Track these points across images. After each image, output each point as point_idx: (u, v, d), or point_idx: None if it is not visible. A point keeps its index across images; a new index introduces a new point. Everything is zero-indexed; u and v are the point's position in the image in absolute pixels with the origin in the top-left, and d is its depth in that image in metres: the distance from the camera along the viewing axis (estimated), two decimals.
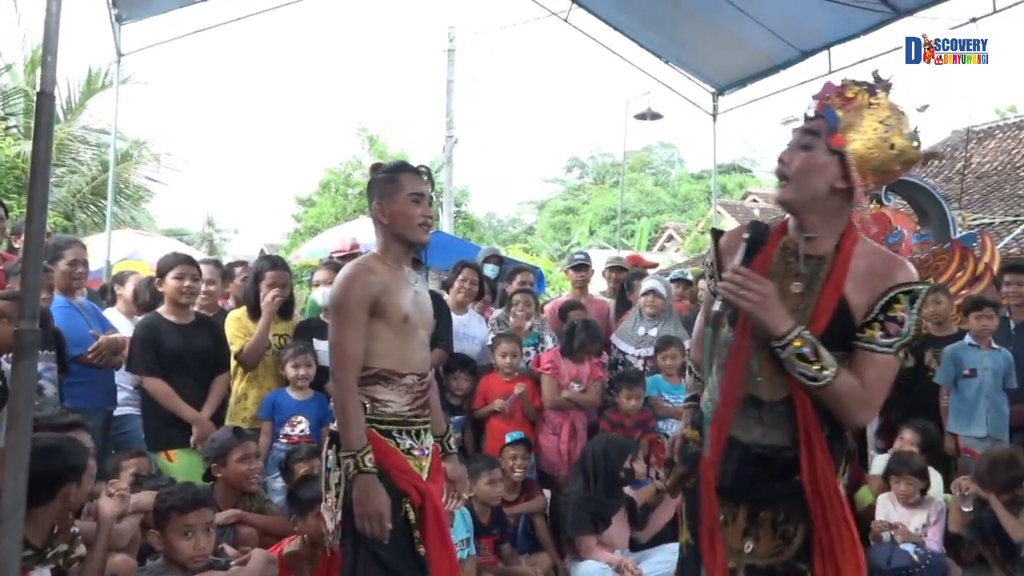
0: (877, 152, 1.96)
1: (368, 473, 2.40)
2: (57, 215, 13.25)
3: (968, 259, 6.07)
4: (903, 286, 1.94)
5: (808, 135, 2.02)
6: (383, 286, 2.54)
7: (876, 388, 1.94)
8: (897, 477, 4.37)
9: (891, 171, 2.01)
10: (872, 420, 2.13)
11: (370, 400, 2.53)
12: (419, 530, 2.51)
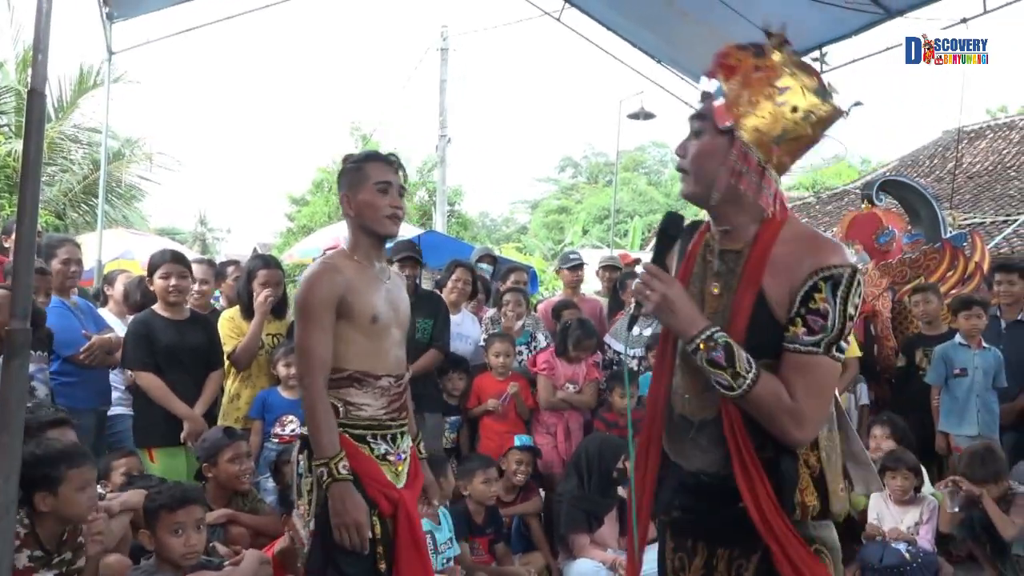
0: (775, 120, 1.70)
1: (343, 480, 2.30)
2: (48, 214, 13.22)
3: (959, 259, 6.10)
4: (823, 271, 1.65)
5: (697, 120, 1.79)
6: (349, 285, 2.42)
7: (809, 397, 1.65)
8: (893, 472, 4.38)
9: (803, 136, 1.73)
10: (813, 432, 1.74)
11: (343, 404, 2.42)
12: (383, 545, 2.39)
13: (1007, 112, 24.97)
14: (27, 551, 2.62)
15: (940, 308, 5.35)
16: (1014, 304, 5.19)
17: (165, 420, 3.95)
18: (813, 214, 18.85)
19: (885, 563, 4.19)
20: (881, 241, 6.50)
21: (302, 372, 2.43)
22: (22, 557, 2.59)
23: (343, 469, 2.31)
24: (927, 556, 4.21)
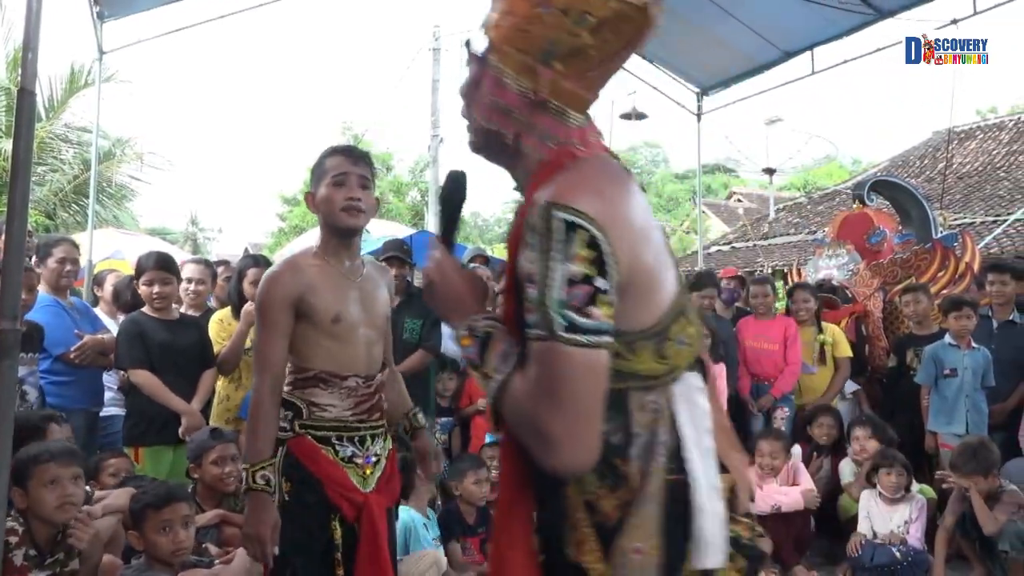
0: (536, 28, 1.24)
1: (256, 491, 2.22)
2: (39, 214, 13.17)
3: (949, 259, 6.13)
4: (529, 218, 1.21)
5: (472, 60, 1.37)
6: (309, 284, 2.34)
7: (550, 404, 1.16)
8: (888, 469, 4.40)
9: (584, 47, 1.24)
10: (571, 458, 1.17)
11: (307, 404, 2.36)
12: (344, 550, 2.33)
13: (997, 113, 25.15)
14: (23, 549, 2.62)
15: (931, 308, 5.38)
16: (1006, 304, 5.22)
17: (154, 419, 3.93)
18: (804, 214, 18.92)
19: (876, 562, 4.21)
20: (872, 241, 6.53)
21: (253, 373, 2.39)
22: (19, 555, 2.60)
23: (260, 479, 2.23)
24: (918, 555, 4.23)
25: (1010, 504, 4.06)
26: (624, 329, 1.20)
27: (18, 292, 2.17)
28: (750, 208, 26.90)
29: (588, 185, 1.21)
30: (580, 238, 1.14)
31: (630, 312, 1.21)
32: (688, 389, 1.28)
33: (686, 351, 1.29)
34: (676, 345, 1.26)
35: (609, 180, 1.26)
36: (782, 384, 5.37)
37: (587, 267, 1.14)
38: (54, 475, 2.70)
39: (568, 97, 1.28)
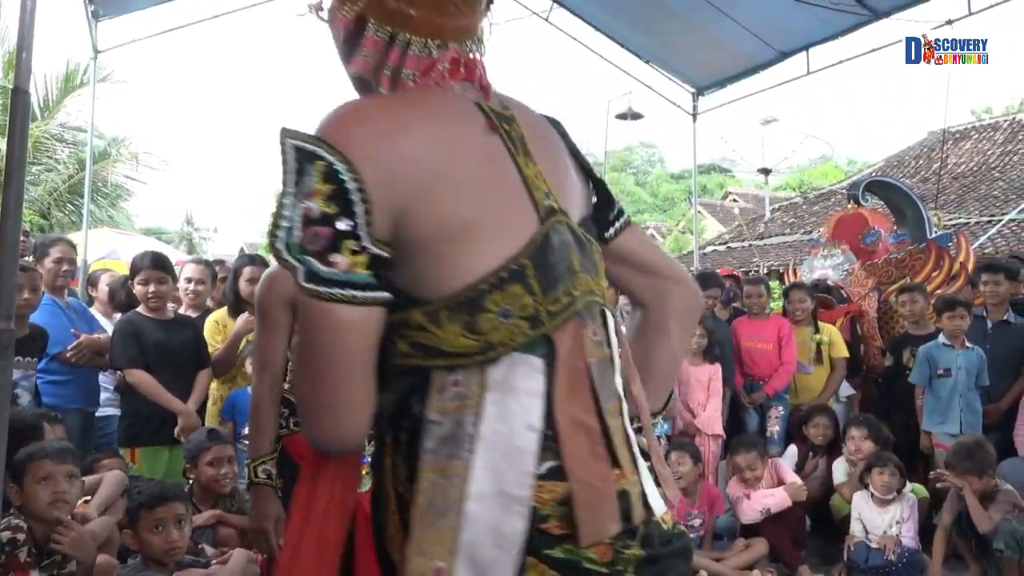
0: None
1: (259, 485, 2.26)
2: (33, 213, 13.13)
3: (944, 259, 6.14)
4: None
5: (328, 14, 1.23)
6: None
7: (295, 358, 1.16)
8: (881, 468, 4.41)
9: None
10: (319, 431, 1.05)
11: None
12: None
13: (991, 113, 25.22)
14: (27, 547, 2.63)
15: (926, 308, 5.38)
16: (1000, 304, 5.23)
17: (149, 419, 3.92)
18: (800, 214, 18.96)
19: (871, 563, 4.22)
20: (867, 241, 6.54)
21: (253, 371, 2.40)
22: (23, 552, 2.60)
23: (262, 473, 2.26)
24: (912, 555, 4.24)
25: (1005, 503, 4.07)
26: (421, 295, 1.03)
27: (12, 292, 2.16)
28: (746, 208, 26.94)
29: (358, 114, 1.03)
30: (317, 169, 0.97)
31: (425, 274, 1.03)
32: (512, 375, 1.03)
33: (513, 326, 1.03)
34: (497, 318, 1.02)
35: (403, 110, 1.05)
36: (776, 382, 5.38)
37: (325, 204, 0.96)
38: (48, 471, 2.70)
39: (398, 19, 1.10)
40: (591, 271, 1.14)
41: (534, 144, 1.15)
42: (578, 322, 1.09)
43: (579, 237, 1.14)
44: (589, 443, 1.05)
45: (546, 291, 1.06)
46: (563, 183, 1.17)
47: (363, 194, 0.97)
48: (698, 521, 4.58)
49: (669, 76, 9.03)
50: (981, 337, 5.10)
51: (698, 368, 5.13)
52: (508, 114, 1.15)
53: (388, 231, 1.00)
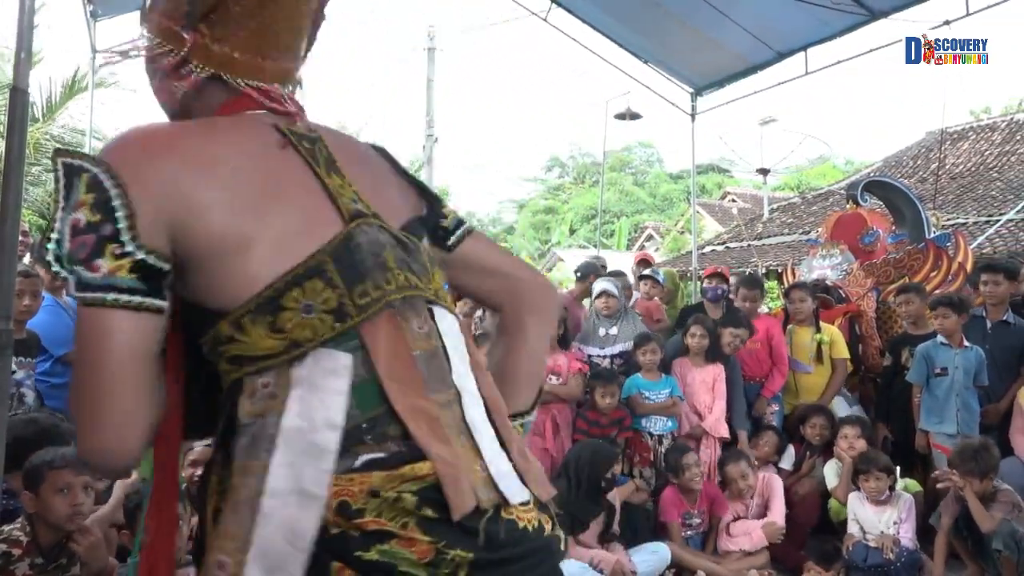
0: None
1: None
2: (32, 214, 13.11)
3: (942, 259, 6.15)
4: None
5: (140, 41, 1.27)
6: None
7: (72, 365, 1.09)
8: (866, 476, 4.43)
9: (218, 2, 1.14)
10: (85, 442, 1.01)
11: None
12: None
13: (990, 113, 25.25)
14: (28, 559, 2.61)
15: (925, 308, 5.39)
16: (999, 304, 5.23)
17: None
18: (798, 214, 18.97)
19: (870, 563, 4.23)
20: (866, 241, 6.55)
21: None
22: (23, 565, 2.58)
23: None
24: (911, 554, 4.25)
25: (1005, 504, 4.08)
26: (221, 306, 1.03)
27: (11, 292, 2.16)
28: (744, 208, 26.95)
29: (133, 136, 1.06)
30: (83, 182, 0.99)
31: (219, 284, 1.03)
32: (316, 371, 1.03)
33: (316, 321, 1.04)
34: (299, 315, 1.03)
35: (182, 133, 1.10)
36: (772, 385, 5.39)
37: (90, 213, 0.98)
38: (67, 482, 2.68)
39: (218, 61, 1.15)
40: (414, 269, 1.16)
41: (344, 160, 1.20)
42: (392, 313, 1.09)
43: (398, 238, 1.17)
44: (430, 427, 1.05)
45: (351, 284, 1.06)
46: (380, 192, 1.22)
47: (125, 199, 0.98)
48: (698, 520, 4.59)
49: (667, 76, 9.02)
50: (980, 337, 5.11)
51: (701, 369, 5.14)
52: (312, 135, 1.19)
53: (166, 244, 1.01)
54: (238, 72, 1.16)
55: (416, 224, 1.24)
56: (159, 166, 1.02)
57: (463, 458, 1.06)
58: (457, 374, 1.14)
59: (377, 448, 1.02)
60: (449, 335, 1.16)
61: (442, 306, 1.18)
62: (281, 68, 1.20)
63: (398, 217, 1.21)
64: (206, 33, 1.14)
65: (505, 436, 1.15)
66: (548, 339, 1.48)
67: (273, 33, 1.17)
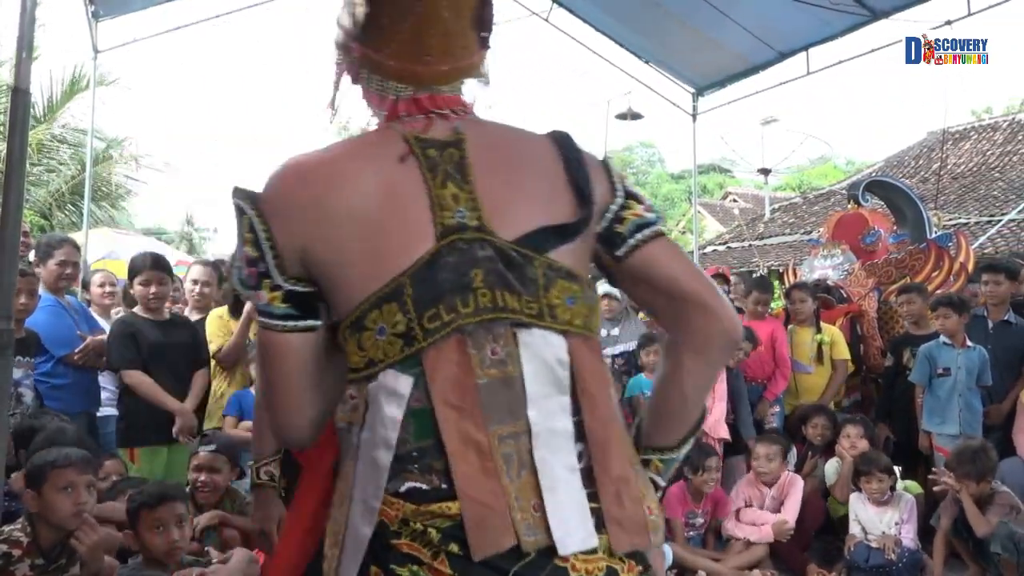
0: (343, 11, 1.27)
1: (261, 486, 2.26)
2: (34, 214, 13.12)
3: (944, 259, 6.14)
4: None
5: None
6: None
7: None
8: (868, 477, 4.43)
9: (370, 15, 1.22)
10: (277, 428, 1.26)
11: None
12: None
13: (991, 113, 25.22)
14: (28, 560, 2.61)
15: (925, 308, 5.38)
16: (1001, 304, 5.23)
17: (148, 419, 3.93)
18: (800, 214, 18.96)
19: (872, 563, 4.23)
20: (867, 241, 6.55)
21: (256, 370, 2.41)
22: (23, 566, 2.58)
23: (263, 474, 2.26)
24: (912, 555, 4.25)
25: (1002, 506, 4.07)
26: (337, 319, 1.16)
27: (11, 292, 2.16)
28: (745, 208, 26.93)
29: (276, 175, 1.19)
30: (244, 221, 1.16)
31: (334, 300, 1.16)
32: (383, 391, 1.10)
33: (387, 344, 1.10)
34: (375, 336, 1.10)
35: (316, 164, 1.19)
36: (774, 387, 5.39)
37: (252, 249, 1.14)
38: (70, 481, 2.68)
39: (379, 69, 1.23)
40: (513, 287, 1.11)
41: (483, 164, 1.18)
42: (461, 339, 1.09)
43: (504, 252, 1.12)
44: (480, 460, 1.05)
45: (422, 308, 1.08)
46: (512, 198, 1.17)
47: (271, 241, 1.14)
48: (700, 520, 4.58)
49: (669, 76, 9.02)
50: (982, 337, 5.10)
51: None
52: (452, 138, 1.20)
53: (300, 269, 1.15)
54: (394, 77, 1.23)
55: (541, 235, 1.16)
56: (294, 202, 1.14)
57: (512, 495, 1.04)
58: (535, 405, 1.09)
59: (420, 479, 1.06)
60: (537, 360, 1.11)
61: (542, 327, 1.12)
62: (436, 71, 1.23)
63: (522, 227, 1.15)
64: (367, 44, 1.23)
65: (601, 475, 1.10)
66: (710, 381, 1.32)
67: (422, 38, 1.21)
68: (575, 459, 1.10)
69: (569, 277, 1.16)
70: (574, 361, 1.13)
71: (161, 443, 3.93)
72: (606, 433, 1.12)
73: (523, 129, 1.30)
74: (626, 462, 1.15)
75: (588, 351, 1.16)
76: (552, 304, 1.13)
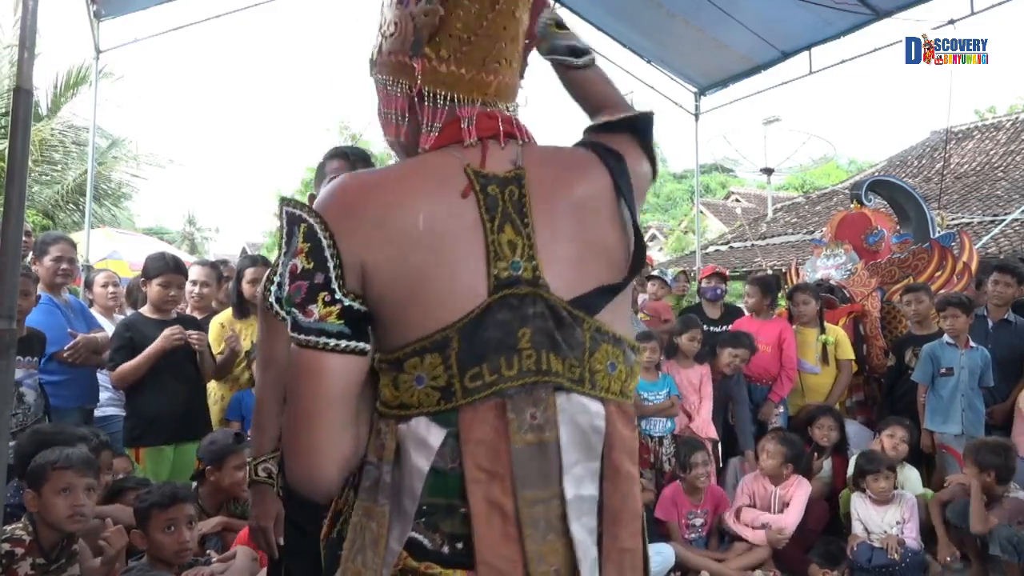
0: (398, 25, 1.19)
1: (259, 483, 2.27)
2: (37, 214, 13.13)
3: (947, 258, 6.14)
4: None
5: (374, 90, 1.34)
6: None
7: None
8: (875, 475, 4.42)
9: (444, 22, 1.16)
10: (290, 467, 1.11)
11: None
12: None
13: (995, 113, 25.18)
14: (30, 559, 2.61)
15: (931, 308, 5.37)
16: (1002, 305, 5.22)
17: (153, 419, 3.92)
18: (802, 214, 18.94)
19: (875, 563, 4.22)
20: (870, 241, 6.54)
21: (256, 370, 2.40)
22: (25, 565, 2.59)
23: (262, 471, 2.27)
24: (915, 555, 4.24)
25: (1009, 510, 4.05)
26: (380, 348, 1.12)
27: (14, 292, 2.16)
28: (748, 208, 26.91)
29: (339, 188, 1.13)
30: (301, 230, 1.09)
31: (379, 329, 1.11)
32: (413, 437, 1.08)
33: (423, 394, 1.08)
34: (411, 381, 1.08)
35: (378, 183, 1.13)
36: (780, 389, 5.38)
37: (306, 260, 1.08)
38: (69, 483, 2.70)
39: (447, 81, 1.17)
40: (559, 349, 1.09)
41: (543, 203, 1.14)
42: (500, 402, 1.07)
43: (555, 311, 1.10)
44: (502, 525, 1.05)
45: (464, 366, 1.06)
46: (569, 248, 1.14)
47: (334, 249, 1.07)
48: (700, 520, 4.57)
49: (671, 76, 9.02)
50: (983, 336, 5.10)
51: (689, 370, 5.13)
52: (510, 175, 1.15)
53: (358, 286, 1.08)
54: (465, 90, 1.17)
55: (596, 295, 1.14)
56: (360, 217, 1.08)
57: (534, 560, 1.05)
58: (569, 473, 1.08)
59: (424, 534, 1.07)
60: (573, 427, 1.09)
61: (581, 393, 1.10)
62: (505, 83, 1.20)
63: (578, 285, 1.13)
64: (432, 56, 1.16)
65: (609, 544, 1.11)
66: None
67: (495, 45, 1.18)
68: (595, 523, 1.10)
69: (614, 342, 1.15)
70: (608, 429, 1.12)
71: (167, 443, 3.93)
72: (623, 506, 1.12)
73: (576, 152, 1.25)
74: (636, 535, 1.15)
75: (621, 417, 1.14)
76: (594, 370, 1.12)
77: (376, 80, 1.25)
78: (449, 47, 1.16)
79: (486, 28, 1.16)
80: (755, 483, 4.68)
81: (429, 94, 1.17)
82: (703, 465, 4.51)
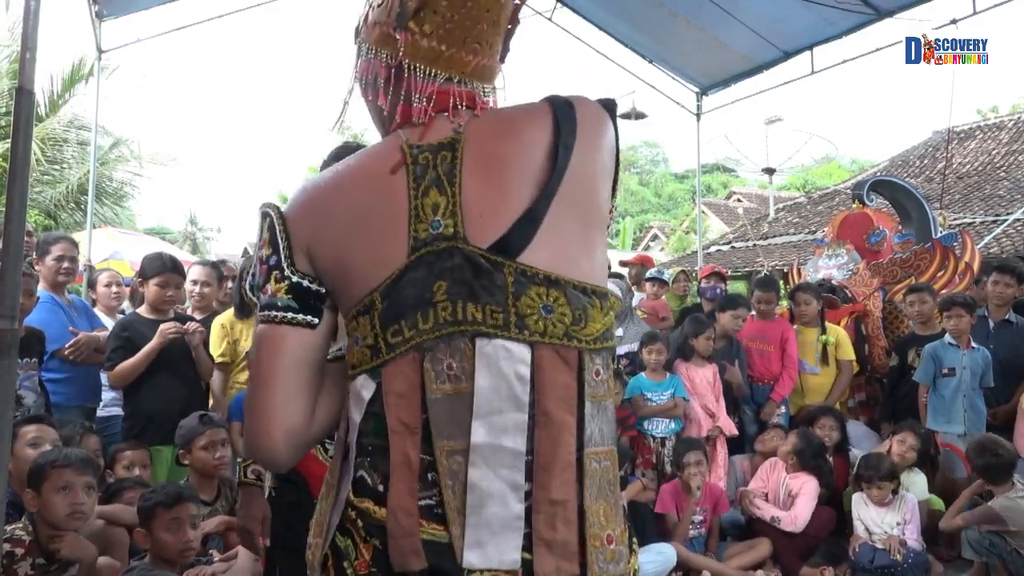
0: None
1: (247, 485, 2.29)
2: (39, 214, 13.13)
3: (949, 258, 6.13)
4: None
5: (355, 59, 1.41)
6: None
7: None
8: (868, 484, 4.43)
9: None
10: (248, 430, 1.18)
11: None
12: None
13: (997, 112, 25.15)
14: (30, 558, 2.62)
15: (934, 308, 5.36)
16: (1003, 305, 5.21)
17: (152, 419, 3.93)
18: (804, 214, 18.91)
19: (877, 564, 4.22)
20: (872, 241, 6.53)
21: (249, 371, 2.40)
22: (25, 565, 2.59)
23: (251, 474, 2.30)
24: (917, 556, 4.24)
25: (979, 515, 4.06)
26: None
27: (17, 292, 2.16)
28: (750, 208, 26.88)
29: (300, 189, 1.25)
30: (266, 225, 1.21)
31: (339, 302, 1.21)
32: (354, 392, 1.15)
33: (358, 353, 1.15)
34: (354, 344, 1.17)
35: (320, 182, 1.24)
36: (781, 389, 5.38)
37: (268, 249, 1.19)
38: (67, 481, 2.70)
39: (428, 56, 1.22)
40: (479, 297, 1.10)
41: (476, 163, 1.16)
42: (417, 355, 1.11)
43: (474, 262, 1.11)
44: (409, 478, 1.09)
45: (386, 324, 1.13)
46: (498, 198, 1.14)
47: (284, 233, 1.18)
48: (700, 518, 4.57)
49: (673, 76, 9.02)
50: (984, 337, 5.10)
51: (704, 369, 5.14)
52: (447, 140, 1.18)
53: (308, 266, 1.18)
54: (443, 66, 1.23)
55: (516, 231, 1.12)
56: (311, 209, 1.19)
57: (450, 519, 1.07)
58: (482, 421, 1.08)
59: (367, 472, 1.13)
60: (493, 374, 1.08)
61: (505, 338, 1.09)
62: (483, 64, 1.25)
63: (500, 227, 1.12)
64: (415, 30, 1.21)
65: (538, 496, 1.07)
66: None
67: (476, 26, 1.22)
68: (520, 478, 1.07)
69: (548, 283, 1.11)
70: (537, 375, 1.09)
71: (166, 443, 3.93)
72: (553, 454, 1.08)
73: (529, 106, 1.23)
74: (568, 485, 1.09)
75: (557, 362, 1.10)
76: (523, 313, 1.10)
77: (359, 48, 1.31)
78: (433, 23, 1.21)
79: (470, 9, 1.21)
80: (771, 472, 4.73)
81: (410, 67, 1.22)
82: (696, 465, 4.51)
